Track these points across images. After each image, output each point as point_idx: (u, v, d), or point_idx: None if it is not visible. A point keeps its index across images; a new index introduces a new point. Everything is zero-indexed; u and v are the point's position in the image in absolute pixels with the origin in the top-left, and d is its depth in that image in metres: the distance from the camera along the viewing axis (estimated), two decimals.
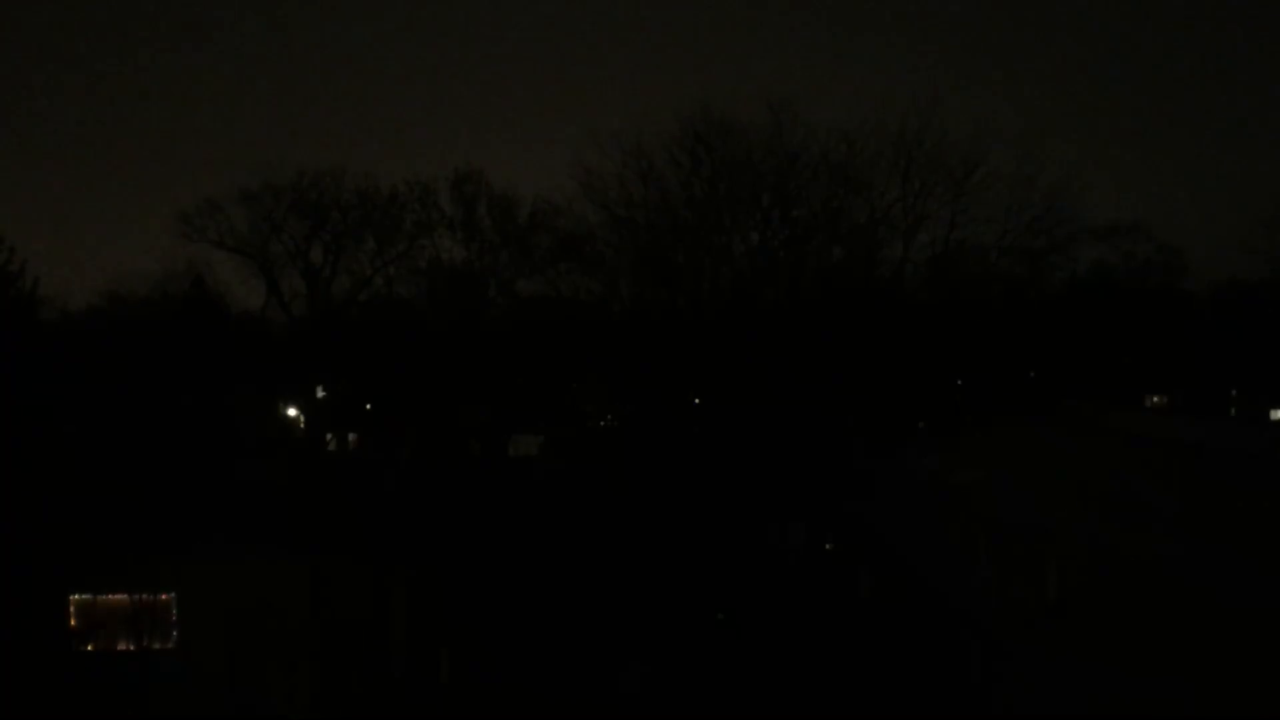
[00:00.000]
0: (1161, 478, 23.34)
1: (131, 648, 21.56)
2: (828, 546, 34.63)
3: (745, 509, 37.06)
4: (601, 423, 59.99)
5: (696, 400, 53.02)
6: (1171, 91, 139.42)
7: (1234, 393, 61.09)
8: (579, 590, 28.86)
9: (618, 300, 55.59)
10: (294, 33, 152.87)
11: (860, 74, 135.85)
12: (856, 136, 50.47)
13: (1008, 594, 23.34)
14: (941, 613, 26.04)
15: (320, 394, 58.48)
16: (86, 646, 21.66)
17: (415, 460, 50.50)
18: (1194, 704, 15.07)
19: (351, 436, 57.76)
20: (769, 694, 22.68)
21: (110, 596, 21.68)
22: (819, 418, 44.66)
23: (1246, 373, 58.87)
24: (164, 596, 21.58)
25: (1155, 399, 62.46)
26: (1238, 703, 14.64)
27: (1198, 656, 15.86)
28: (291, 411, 58.40)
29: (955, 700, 21.49)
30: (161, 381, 43.32)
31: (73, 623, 21.66)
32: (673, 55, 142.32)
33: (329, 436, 56.75)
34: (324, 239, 57.27)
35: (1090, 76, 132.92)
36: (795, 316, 47.97)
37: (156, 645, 21.58)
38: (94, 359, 43.38)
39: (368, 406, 57.49)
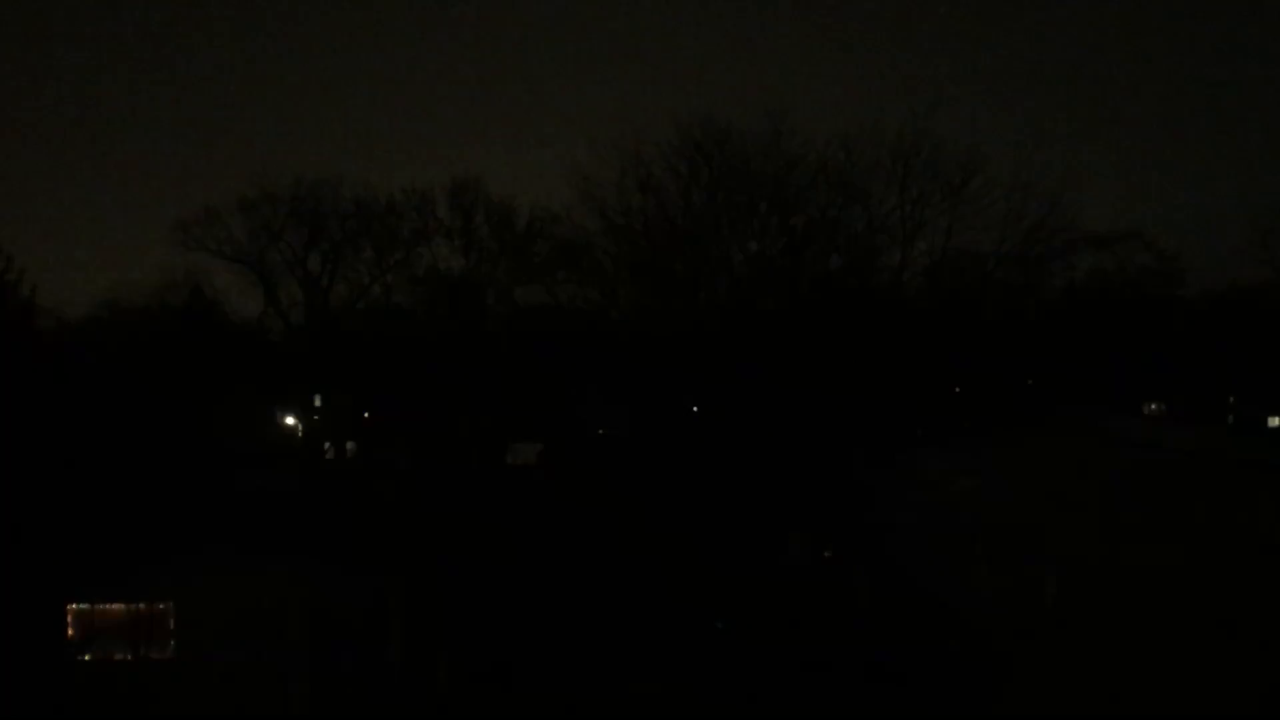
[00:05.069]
0: (1158, 484, 23.40)
1: (129, 657, 21.50)
2: (826, 554, 34.62)
3: (743, 517, 37.03)
4: (600, 431, 59.98)
5: (695, 408, 53.02)
6: (1169, 98, 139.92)
7: (1231, 400, 61.16)
8: (576, 600, 28.83)
9: (616, 309, 55.64)
10: (291, 42, 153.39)
11: (858, 82, 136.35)
12: (854, 144, 50.55)
13: (1007, 600, 23.36)
14: (941, 619, 26.05)
15: (318, 403, 58.49)
16: (84, 656, 21.59)
17: (413, 469, 50.43)
18: (1191, 705, 15.09)
19: (350, 445, 57.72)
20: (768, 701, 22.67)
21: (108, 606, 21.64)
22: (817, 426, 44.67)
23: (1244, 380, 58.94)
24: (161, 606, 21.55)
25: (1153, 406, 62.57)
26: (1234, 703, 14.66)
27: (1195, 659, 15.88)
28: (290, 420, 58.41)
29: (956, 706, 21.48)
30: (160, 391, 43.31)
31: (70, 632, 21.61)
32: (671, 64, 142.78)
33: (327, 445, 56.75)
34: (322, 248, 57.36)
35: (1087, 84, 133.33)
36: (793, 325, 48.01)
37: (154, 655, 21.52)
38: (92, 368, 43.34)
39: (366, 415, 57.46)
